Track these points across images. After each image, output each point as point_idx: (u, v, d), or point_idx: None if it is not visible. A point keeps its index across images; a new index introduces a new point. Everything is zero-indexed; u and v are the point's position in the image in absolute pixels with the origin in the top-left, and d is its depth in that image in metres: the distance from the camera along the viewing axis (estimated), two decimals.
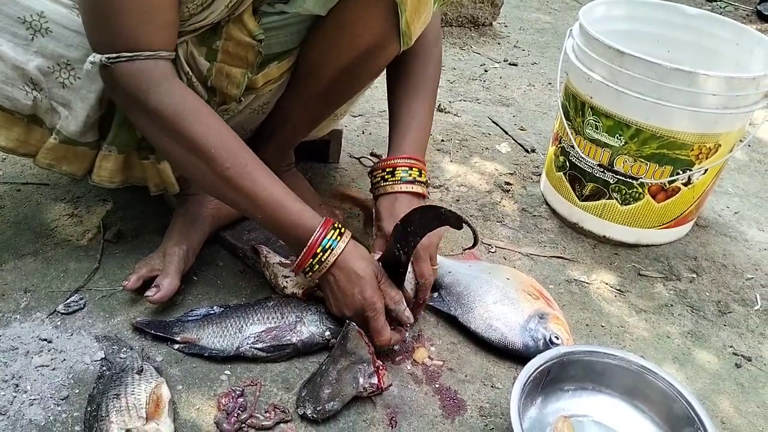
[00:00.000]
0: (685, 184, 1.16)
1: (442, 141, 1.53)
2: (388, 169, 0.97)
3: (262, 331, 0.89)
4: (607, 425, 0.87)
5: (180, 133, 0.79)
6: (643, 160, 1.14)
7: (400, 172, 0.96)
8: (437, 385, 0.90)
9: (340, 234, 0.85)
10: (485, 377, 0.92)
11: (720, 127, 1.10)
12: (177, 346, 0.89)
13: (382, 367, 0.85)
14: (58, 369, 0.84)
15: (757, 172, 1.59)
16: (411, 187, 0.96)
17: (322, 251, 0.84)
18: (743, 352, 1.03)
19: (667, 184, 1.16)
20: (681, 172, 1.14)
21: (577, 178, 1.24)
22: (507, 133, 1.61)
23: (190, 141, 0.79)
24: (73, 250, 1.04)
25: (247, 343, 0.88)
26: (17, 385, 0.81)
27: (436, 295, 1.02)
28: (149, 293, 0.91)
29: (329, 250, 0.84)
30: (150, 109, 0.78)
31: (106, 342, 0.88)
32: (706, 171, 1.16)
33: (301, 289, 0.96)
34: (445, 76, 1.86)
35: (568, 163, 1.25)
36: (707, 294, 1.15)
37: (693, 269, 1.20)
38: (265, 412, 0.81)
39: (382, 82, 1.06)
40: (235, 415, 0.80)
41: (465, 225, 0.78)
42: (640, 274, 1.18)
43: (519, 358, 0.93)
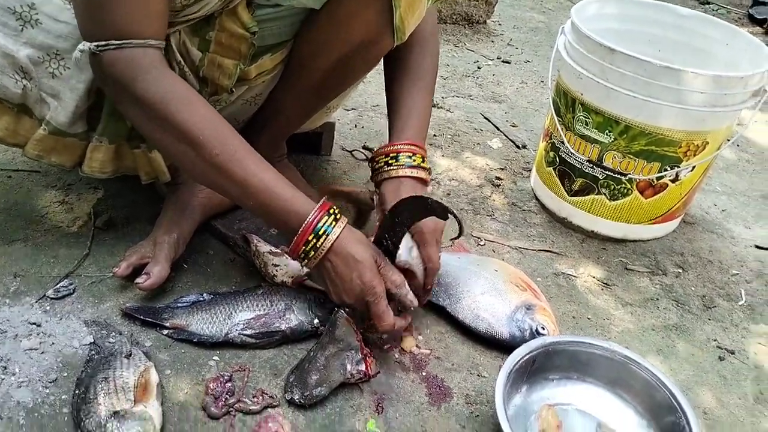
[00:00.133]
0: (672, 181, 1.18)
1: (434, 136, 1.54)
2: (391, 155, 0.96)
3: (251, 318, 0.90)
4: (591, 413, 0.88)
5: (168, 121, 0.78)
6: (631, 157, 1.15)
7: (404, 158, 0.95)
8: (424, 373, 0.91)
9: (336, 219, 0.83)
10: (472, 366, 0.93)
11: (708, 125, 1.12)
12: (166, 332, 0.89)
13: (369, 355, 0.86)
14: (46, 352, 0.84)
15: (745, 171, 1.61)
16: (415, 172, 0.95)
17: (316, 237, 0.81)
18: (727, 346, 1.05)
19: (655, 181, 1.17)
20: (669, 169, 1.15)
21: (566, 174, 1.25)
22: (498, 129, 1.62)
23: (178, 128, 0.78)
24: (63, 237, 1.04)
25: (236, 330, 0.88)
26: (5, 368, 0.81)
27: None
28: (139, 280, 0.91)
29: (324, 235, 0.81)
30: (138, 97, 0.78)
31: (95, 327, 0.88)
32: (694, 168, 1.17)
33: (291, 278, 0.97)
34: (438, 72, 1.87)
35: (558, 159, 1.26)
36: (692, 289, 1.16)
37: (679, 264, 1.22)
38: (253, 397, 0.82)
39: (376, 77, 1.07)
40: (223, 399, 0.81)
41: (450, 216, 0.79)
42: (626, 268, 1.19)
43: (505, 347, 0.93)
